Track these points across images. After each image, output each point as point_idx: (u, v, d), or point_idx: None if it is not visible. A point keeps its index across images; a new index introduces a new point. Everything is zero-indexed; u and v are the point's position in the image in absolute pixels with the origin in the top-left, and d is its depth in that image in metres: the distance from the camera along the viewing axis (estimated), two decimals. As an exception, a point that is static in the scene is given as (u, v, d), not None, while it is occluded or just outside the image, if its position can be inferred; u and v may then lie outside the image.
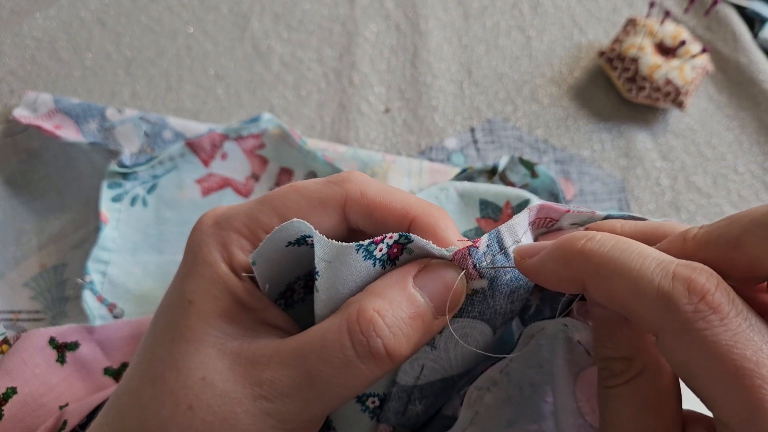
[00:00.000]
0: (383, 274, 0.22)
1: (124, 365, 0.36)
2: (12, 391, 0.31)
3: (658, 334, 0.18)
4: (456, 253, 0.22)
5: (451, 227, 0.24)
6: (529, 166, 0.41)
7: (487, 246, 0.23)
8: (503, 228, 0.23)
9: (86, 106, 0.45)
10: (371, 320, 0.20)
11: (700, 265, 0.18)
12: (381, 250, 0.22)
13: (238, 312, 0.22)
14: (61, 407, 0.32)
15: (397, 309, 0.21)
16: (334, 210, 0.23)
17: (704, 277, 0.17)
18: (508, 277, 0.23)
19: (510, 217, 0.35)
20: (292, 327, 0.23)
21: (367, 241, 0.21)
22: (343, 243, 0.21)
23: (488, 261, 0.23)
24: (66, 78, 0.51)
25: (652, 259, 0.18)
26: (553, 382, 0.26)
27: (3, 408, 0.31)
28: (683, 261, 0.18)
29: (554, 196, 0.41)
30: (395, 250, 0.22)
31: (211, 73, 0.53)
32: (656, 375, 0.20)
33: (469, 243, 0.23)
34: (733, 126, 0.54)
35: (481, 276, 0.23)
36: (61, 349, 0.34)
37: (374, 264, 0.22)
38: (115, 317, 0.38)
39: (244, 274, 0.22)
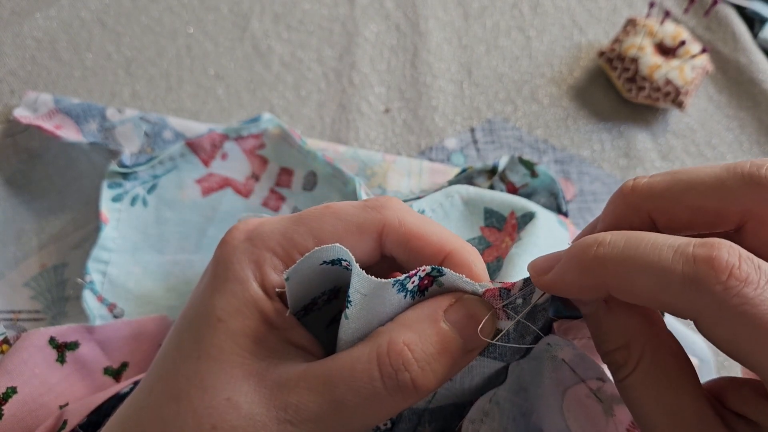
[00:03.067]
0: (412, 305, 0.22)
1: (124, 365, 0.36)
2: (12, 391, 0.31)
3: (696, 319, 0.18)
4: (487, 290, 0.22)
5: (483, 268, 0.24)
6: (529, 166, 0.41)
7: (520, 290, 0.23)
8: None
9: (86, 106, 0.45)
10: (401, 354, 0.20)
11: (717, 240, 0.17)
12: (413, 282, 0.22)
13: (265, 332, 0.22)
14: (61, 407, 0.32)
15: (427, 343, 0.21)
16: (371, 236, 0.23)
17: (725, 251, 0.17)
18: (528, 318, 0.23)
19: (514, 228, 0.35)
20: (316, 348, 0.23)
21: (403, 276, 0.21)
22: (382, 279, 0.21)
23: (518, 304, 0.23)
24: (66, 78, 0.51)
25: (667, 247, 0.18)
26: (540, 402, 0.26)
27: (3, 407, 0.31)
28: (699, 240, 0.18)
29: (554, 196, 0.41)
30: (426, 282, 0.22)
31: (211, 73, 0.53)
32: (659, 354, 0.20)
33: (501, 284, 0.23)
34: (733, 126, 0.54)
35: (509, 318, 0.23)
36: (61, 349, 0.34)
37: (405, 296, 0.22)
38: (115, 317, 0.38)
39: (276, 289, 0.22)
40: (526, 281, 0.23)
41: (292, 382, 0.21)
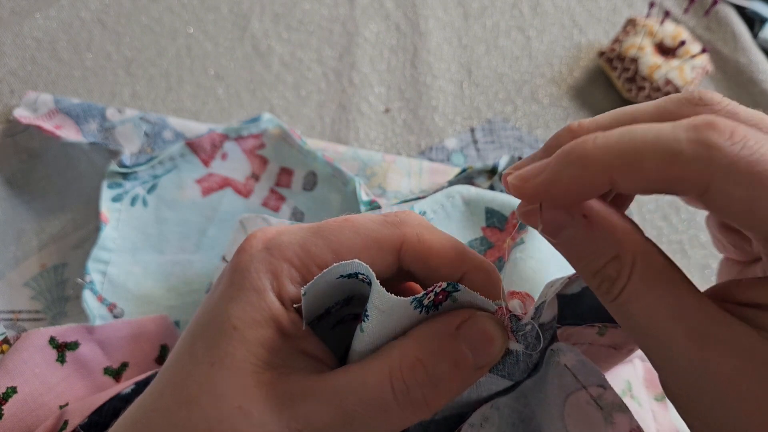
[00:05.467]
0: (426, 319, 0.22)
1: (124, 365, 0.36)
2: (12, 391, 0.31)
3: (707, 187, 0.17)
4: (499, 309, 0.22)
5: (500, 286, 0.24)
6: (529, 166, 0.41)
7: (531, 318, 0.23)
8: (547, 303, 0.23)
9: (86, 106, 0.45)
10: (413, 369, 0.20)
11: (707, 114, 0.18)
12: (429, 298, 0.22)
13: (279, 341, 0.22)
14: (61, 407, 0.32)
15: (440, 359, 0.21)
16: (389, 252, 0.23)
17: (721, 118, 0.17)
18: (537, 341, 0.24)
19: (515, 227, 0.35)
20: (329, 357, 0.23)
21: (421, 294, 0.21)
22: (401, 297, 0.21)
23: (527, 330, 0.23)
24: (66, 78, 0.51)
25: (665, 126, 0.18)
26: (541, 408, 0.26)
27: (3, 407, 0.31)
28: (691, 117, 0.18)
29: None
30: (441, 297, 0.22)
31: (211, 73, 0.53)
32: (649, 259, 0.19)
33: (514, 312, 0.23)
34: (733, 126, 0.54)
35: (518, 341, 0.23)
36: (61, 349, 0.34)
37: (420, 311, 0.22)
38: (115, 317, 0.38)
39: (294, 305, 0.22)
40: (537, 309, 0.23)
41: (304, 393, 0.21)
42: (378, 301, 0.21)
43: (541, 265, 0.32)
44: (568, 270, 0.25)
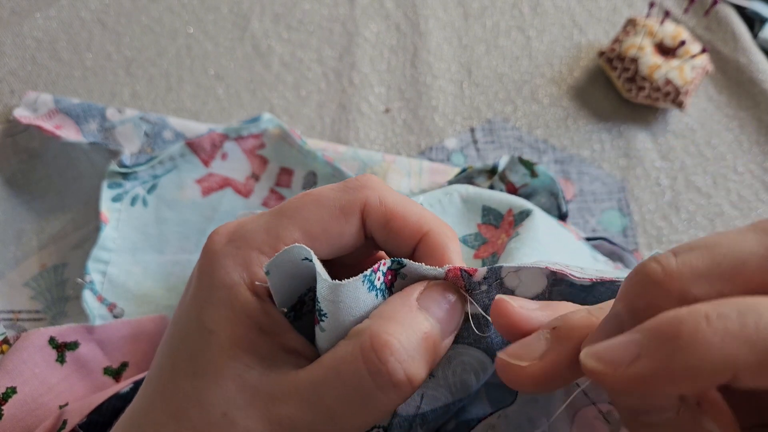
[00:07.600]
0: (384, 301, 0.22)
1: (124, 365, 0.36)
2: (12, 391, 0.31)
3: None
4: (449, 271, 0.22)
5: (458, 252, 0.24)
6: (529, 166, 0.41)
7: (484, 278, 0.22)
8: (506, 268, 0.22)
9: (86, 106, 0.45)
10: (387, 345, 0.19)
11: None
12: (379, 279, 0.21)
13: (256, 338, 0.21)
14: (60, 407, 0.32)
15: (410, 331, 0.20)
16: (355, 216, 0.23)
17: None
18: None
19: (510, 224, 0.35)
20: (309, 350, 0.23)
21: (368, 271, 0.21)
22: (349, 280, 0.20)
23: (482, 290, 0.22)
24: (66, 78, 0.51)
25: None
26: (551, 423, 0.25)
27: (3, 407, 0.31)
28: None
29: (554, 196, 0.41)
30: (389, 277, 0.22)
31: (211, 73, 0.53)
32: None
33: (464, 267, 0.22)
34: (733, 126, 0.53)
35: (474, 300, 0.23)
36: (61, 349, 0.34)
37: (376, 295, 0.22)
38: (115, 317, 0.38)
39: (257, 283, 0.22)
40: (491, 270, 0.22)
41: (285, 395, 0.20)
42: (327, 292, 0.20)
43: (536, 252, 0.32)
44: (564, 258, 0.25)
